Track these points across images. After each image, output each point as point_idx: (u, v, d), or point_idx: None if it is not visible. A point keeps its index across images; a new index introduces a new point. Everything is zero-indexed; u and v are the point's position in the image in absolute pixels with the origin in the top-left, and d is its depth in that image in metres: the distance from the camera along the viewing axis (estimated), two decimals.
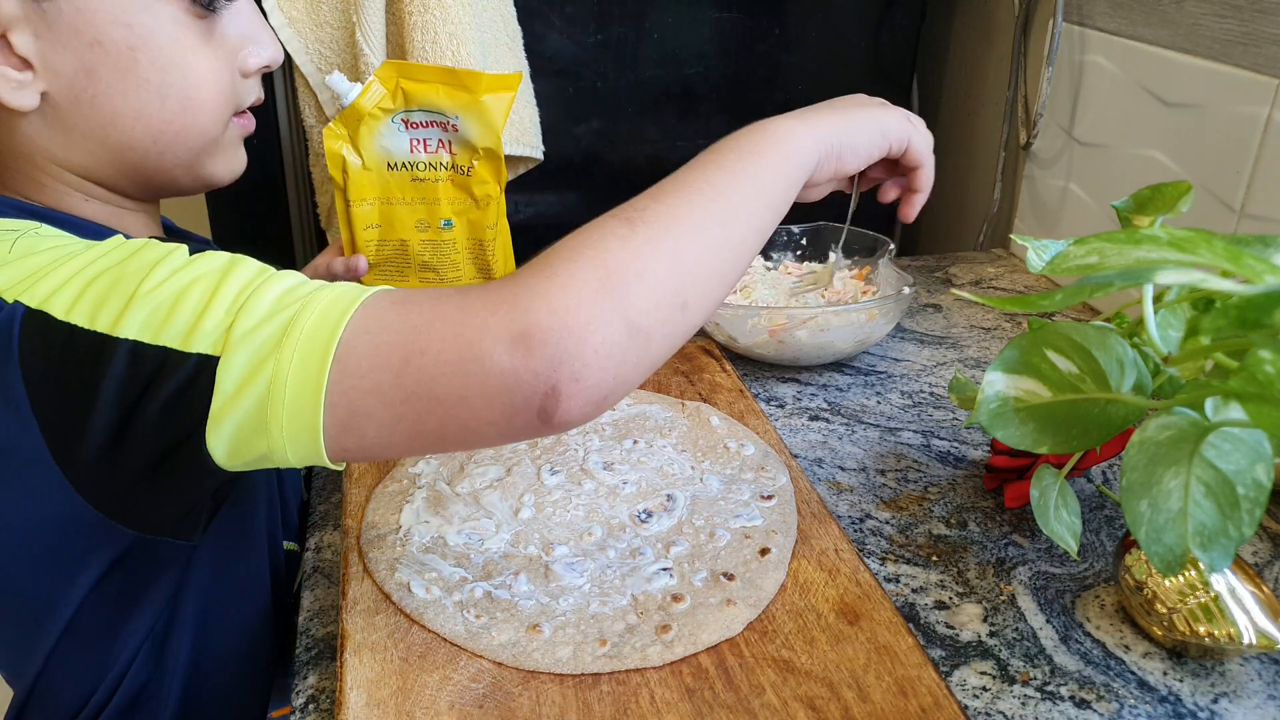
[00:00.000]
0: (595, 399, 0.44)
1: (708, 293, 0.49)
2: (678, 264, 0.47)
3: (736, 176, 0.52)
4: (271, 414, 0.43)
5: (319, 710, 0.51)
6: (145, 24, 0.51)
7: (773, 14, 1.07)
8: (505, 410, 0.43)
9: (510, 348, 0.42)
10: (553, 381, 0.42)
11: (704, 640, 0.51)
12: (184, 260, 0.46)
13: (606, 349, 0.43)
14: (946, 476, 0.69)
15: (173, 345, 0.43)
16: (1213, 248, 0.41)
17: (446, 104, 0.73)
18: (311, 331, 0.43)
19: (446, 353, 0.43)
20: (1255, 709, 0.50)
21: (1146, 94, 0.89)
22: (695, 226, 0.48)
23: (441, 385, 0.43)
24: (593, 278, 0.44)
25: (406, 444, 0.45)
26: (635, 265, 0.45)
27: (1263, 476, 0.44)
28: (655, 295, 0.45)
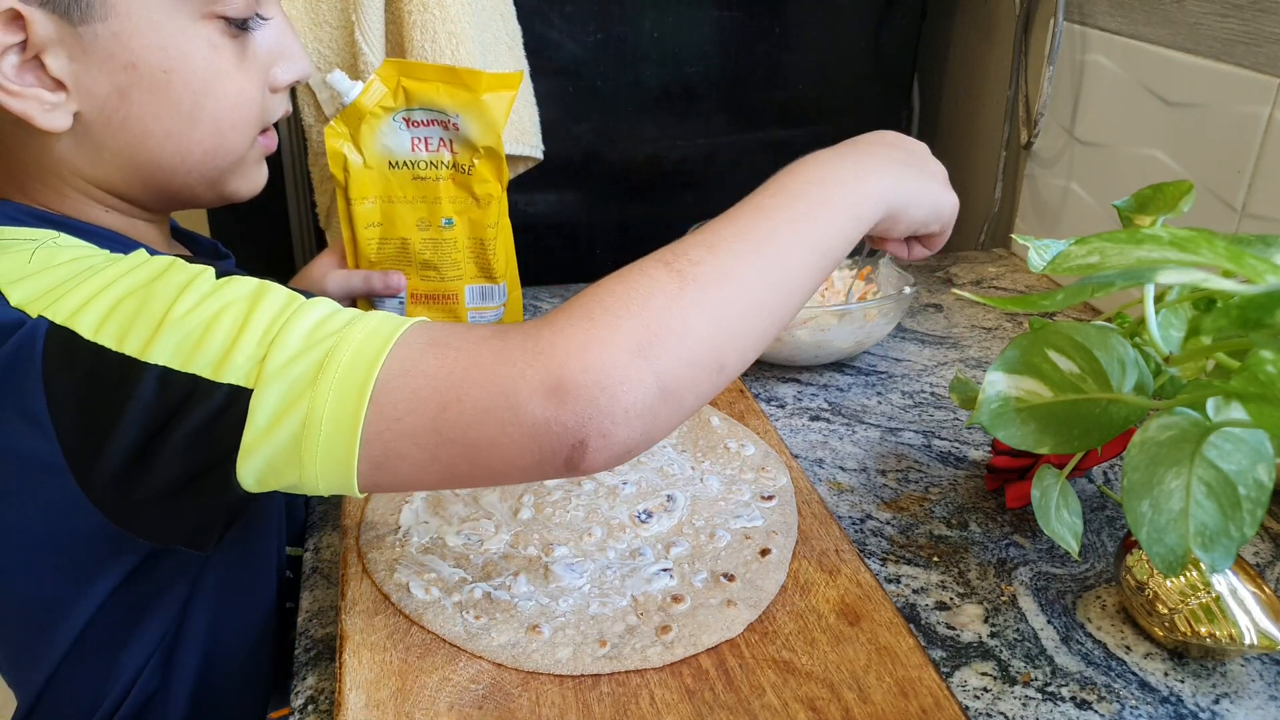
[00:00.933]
0: (620, 453, 0.44)
1: (745, 354, 0.48)
2: (721, 327, 0.46)
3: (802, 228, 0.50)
4: (306, 449, 0.43)
5: (318, 711, 0.51)
6: (180, 47, 0.51)
7: (773, 13, 1.07)
8: (535, 457, 0.43)
9: (544, 399, 0.42)
10: (582, 436, 0.43)
11: (704, 641, 0.51)
12: (212, 285, 0.46)
13: (638, 410, 0.43)
14: (947, 477, 0.69)
15: (203, 374, 0.43)
16: (1214, 247, 0.41)
17: (447, 103, 0.73)
18: (347, 370, 0.43)
19: (483, 400, 0.43)
20: (1256, 710, 0.50)
21: (1148, 93, 0.89)
22: (747, 288, 0.47)
23: (476, 431, 0.43)
24: (633, 337, 0.43)
25: (437, 482, 0.46)
26: (678, 327, 0.44)
27: (1264, 476, 0.44)
28: (693, 358, 0.45)
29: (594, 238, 1.13)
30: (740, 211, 0.51)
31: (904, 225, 0.58)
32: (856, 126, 1.18)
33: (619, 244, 1.14)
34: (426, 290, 0.78)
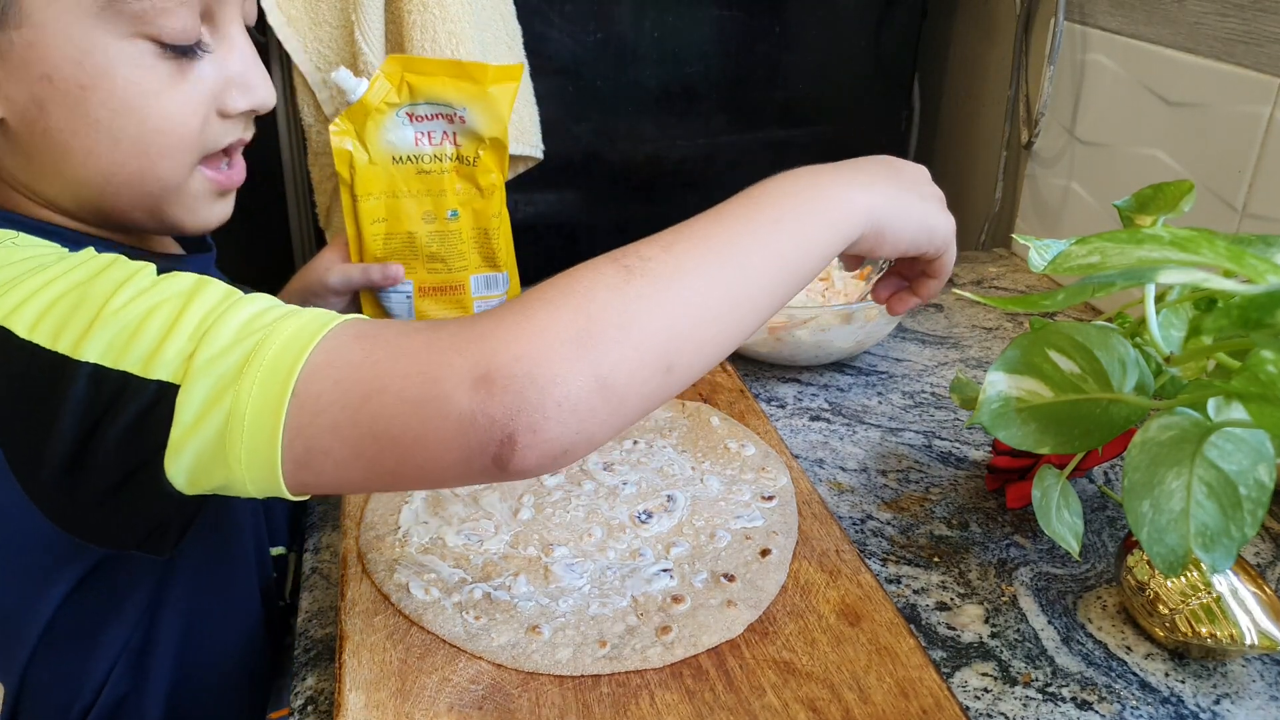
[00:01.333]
0: (553, 452, 0.41)
1: (699, 359, 0.45)
2: (669, 326, 0.43)
3: (768, 239, 0.48)
4: (230, 446, 0.42)
5: (317, 712, 0.51)
6: (98, 64, 0.48)
7: (773, 13, 1.07)
8: (462, 454, 0.41)
9: (472, 389, 0.40)
10: (510, 430, 0.40)
11: (704, 641, 0.51)
12: (150, 281, 0.44)
13: (571, 404, 0.41)
14: (948, 477, 0.69)
15: (134, 370, 0.42)
16: (1215, 247, 0.41)
17: (454, 96, 0.73)
18: (272, 364, 0.42)
19: (407, 391, 0.41)
20: (1257, 710, 0.50)
21: (1148, 93, 0.89)
22: (701, 289, 0.45)
23: (399, 425, 0.41)
24: (570, 327, 0.41)
25: (363, 482, 0.44)
26: (620, 319, 0.42)
27: (1265, 477, 0.44)
28: (637, 355, 0.42)
29: (594, 238, 1.13)
30: (706, 215, 0.49)
31: (891, 244, 0.54)
32: (857, 126, 1.19)
33: (619, 244, 1.13)
34: (434, 283, 0.78)
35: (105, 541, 0.49)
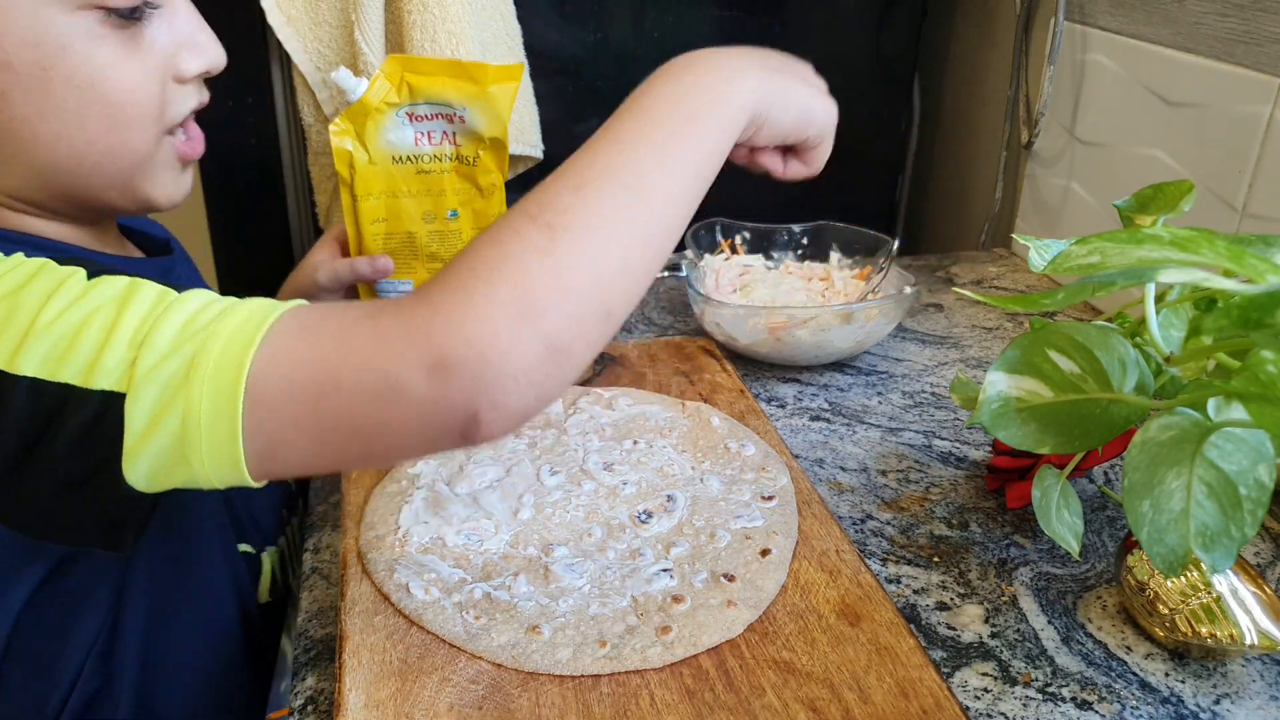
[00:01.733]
0: (516, 419, 0.43)
1: (632, 292, 0.46)
2: (601, 275, 0.44)
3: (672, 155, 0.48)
4: (190, 448, 0.42)
5: (317, 711, 0.51)
6: (55, 41, 0.48)
7: (773, 14, 1.07)
8: (427, 435, 0.43)
9: (428, 378, 0.41)
10: (473, 409, 0.41)
11: (704, 641, 0.51)
12: (81, 288, 0.44)
13: (527, 374, 0.42)
14: (948, 477, 0.69)
15: (74, 382, 0.42)
16: (1215, 247, 0.41)
17: (454, 96, 0.73)
18: (218, 366, 0.42)
19: (363, 384, 0.42)
20: (1257, 710, 0.50)
21: (1148, 93, 0.89)
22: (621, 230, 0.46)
23: (361, 416, 0.42)
24: (511, 303, 0.42)
25: (332, 465, 0.45)
26: (557, 284, 0.43)
27: (1265, 477, 0.44)
28: (578, 311, 0.43)
29: None
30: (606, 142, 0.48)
31: (769, 131, 0.55)
32: (857, 126, 1.18)
33: None
34: None
35: (62, 538, 0.49)
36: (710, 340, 0.85)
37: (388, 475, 0.65)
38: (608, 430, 0.70)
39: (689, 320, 0.93)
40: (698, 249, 0.89)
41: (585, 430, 0.69)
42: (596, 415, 0.71)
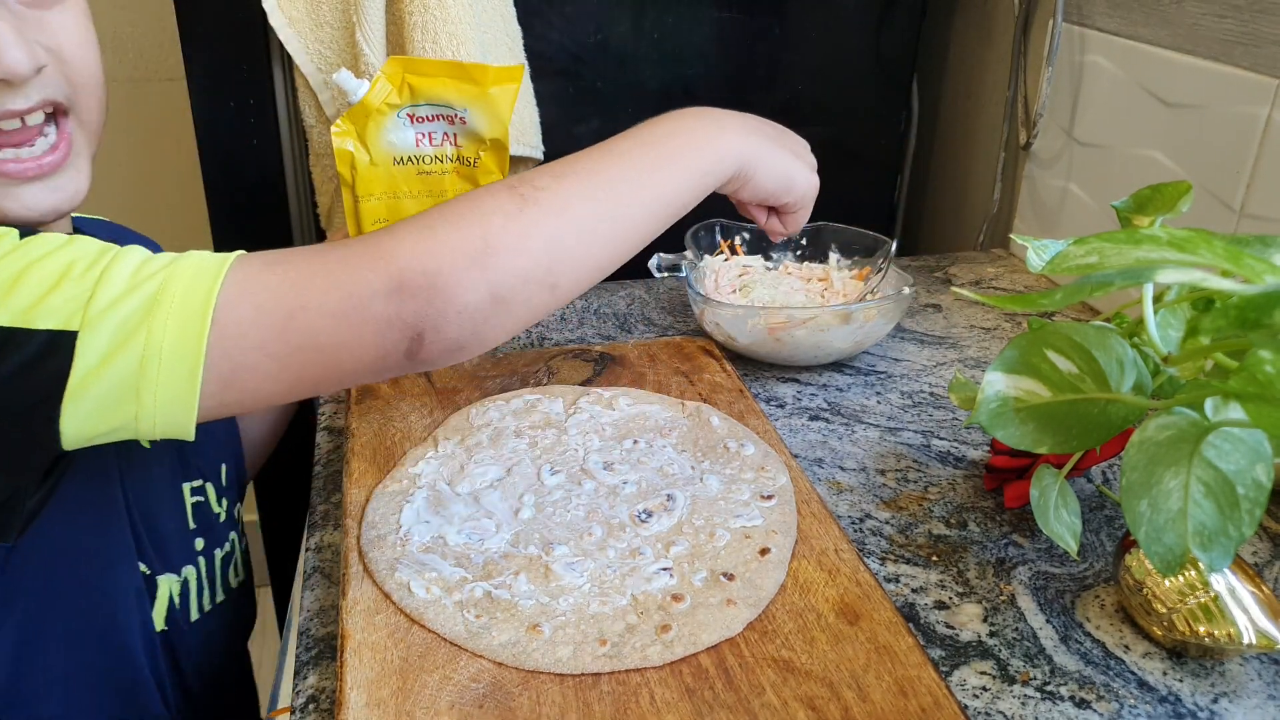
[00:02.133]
0: (453, 348, 0.49)
1: (579, 278, 0.52)
2: (556, 250, 0.50)
3: (648, 178, 0.54)
4: (145, 381, 0.44)
5: (319, 710, 0.51)
6: None
7: (773, 14, 1.07)
8: (379, 352, 0.47)
9: (387, 299, 0.46)
10: (420, 329, 0.47)
11: (704, 640, 0.51)
12: (13, 244, 0.46)
13: (469, 312, 0.48)
14: (946, 476, 0.69)
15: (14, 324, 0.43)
16: (1212, 247, 0.41)
17: (455, 97, 0.74)
18: (184, 298, 0.44)
19: (329, 305, 0.46)
20: (1255, 709, 0.50)
21: (1146, 94, 0.89)
22: (584, 219, 0.52)
23: (325, 335, 0.46)
24: (469, 247, 0.48)
25: (286, 392, 0.48)
26: (512, 243, 0.49)
27: (1262, 476, 0.44)
28: (525, 273, 0.49)
29: None
30: (596, 151, 0.55)
31: (751, 189, 0.62)
32: (856, 127, 1.19)
33: None
34: None
35: None
36: (710, 340, 0.85)
37: (389, 474, 0.65)
38: (608, 430, 0.70)
39: (689, 320, 0.93)
40: (697, 249, 0.90)
41: (585, 430, 0.70)
42: (597, 415, 0.71)
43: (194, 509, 0.67)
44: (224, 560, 0.70)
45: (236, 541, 0.74)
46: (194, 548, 0.67)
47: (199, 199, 1.02)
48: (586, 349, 0.83)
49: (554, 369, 0.80)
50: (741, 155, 0.59)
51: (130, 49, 1.42)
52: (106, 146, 0.63)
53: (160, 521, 0.64)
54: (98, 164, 0.62)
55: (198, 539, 0.67)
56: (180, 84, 0.96)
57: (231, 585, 0.72)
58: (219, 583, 0.69)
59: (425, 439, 0.69)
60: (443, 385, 0.77)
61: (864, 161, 1.18)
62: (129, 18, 1.40)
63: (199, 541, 0.67)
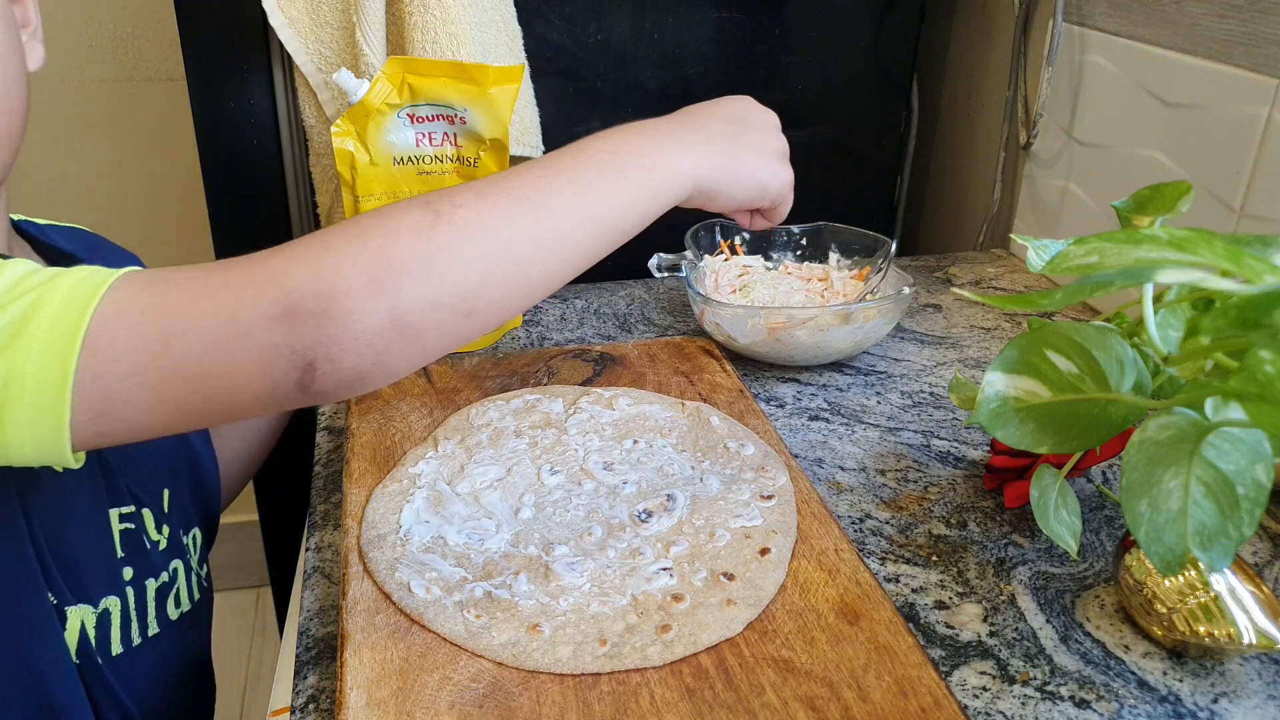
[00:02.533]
0: (350, 379, 0.44)
1: (504, 304, 0.47)
2: (470, 273, 0.45)
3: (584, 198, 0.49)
4: (8, 408, 0.41)
5: (319, 710, 0.51)
6: None
7: (773, 14, 1.07)
8: (267, 383, 0.43)
9: (273, 324, 0.42)
10: (310, 359, 0.43)
11: (704, 640, 0.51)
12: None
13: (367, 339, 0.43)
14: (946, 476, 0.69)
15: None
16: (1213, 247, 0.41)
17: (455, 97, 0.74)
18: (53, 319, 0.41)
19: (210, 329, 0.42)
20: (1255, 709, 0.50)
21: (1146, 94, 0.89)
22: (508, 240, 0.47)
23: (206, 362, 0.42)
24: (368, 268, 0.43)
25: (167, 423, 0.44)
26: (419, 264, 0.44)
27: (1263, 476, 0.44)
28: (434, 298, 0.44)
29: None
30: (531, 166, 0.50)
31: (723, 202, 0.57)
32: (856, 127, 1.19)
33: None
34: None
35: None
36: (710, 340, 0.85)
37: (389, 474, 0.65)
38: (608, 430, 0.70)
39: (689, 320, 0.93)
40: (697, 250, 0.90)
41: (585, 430, 0.70)
42: (597, 415, 0.72)
43: (122, 536, 0.62)
44: (160, 591, 0.65)
45: (183, 571, 0.68)
46: (120, 577, 0.62)
47: (199, 199, 1.02)
48: (586, 349, 0.83)
49: (554, 369, 0.80)
50: (696, 175, 0.54)
51: (130, 49, 1.42)
52: (107, 147, 0.63)
53: (73, 549, 0.58)
54: (98, 164, 0.61)
55: (125, 568, 0.62)
56: (180, 84, 0.96)
57: (171, 618, 0.66)
58: (152, 615, 0.64)
59: (425, 439, 0.69)
60: (443, 385, 0.77)
61: (864, 161, 1.18)
62: (129, 18, 1.40)
63: (127, 571, 0.62)
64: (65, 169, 1.45)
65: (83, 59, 1.41)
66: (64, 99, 1.42)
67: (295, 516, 0.99)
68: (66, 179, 1.46)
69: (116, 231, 1.65)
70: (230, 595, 1.78)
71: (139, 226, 1.52)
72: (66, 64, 1.40)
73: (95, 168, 1.46)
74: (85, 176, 1.46)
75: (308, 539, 0.65)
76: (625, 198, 0.51)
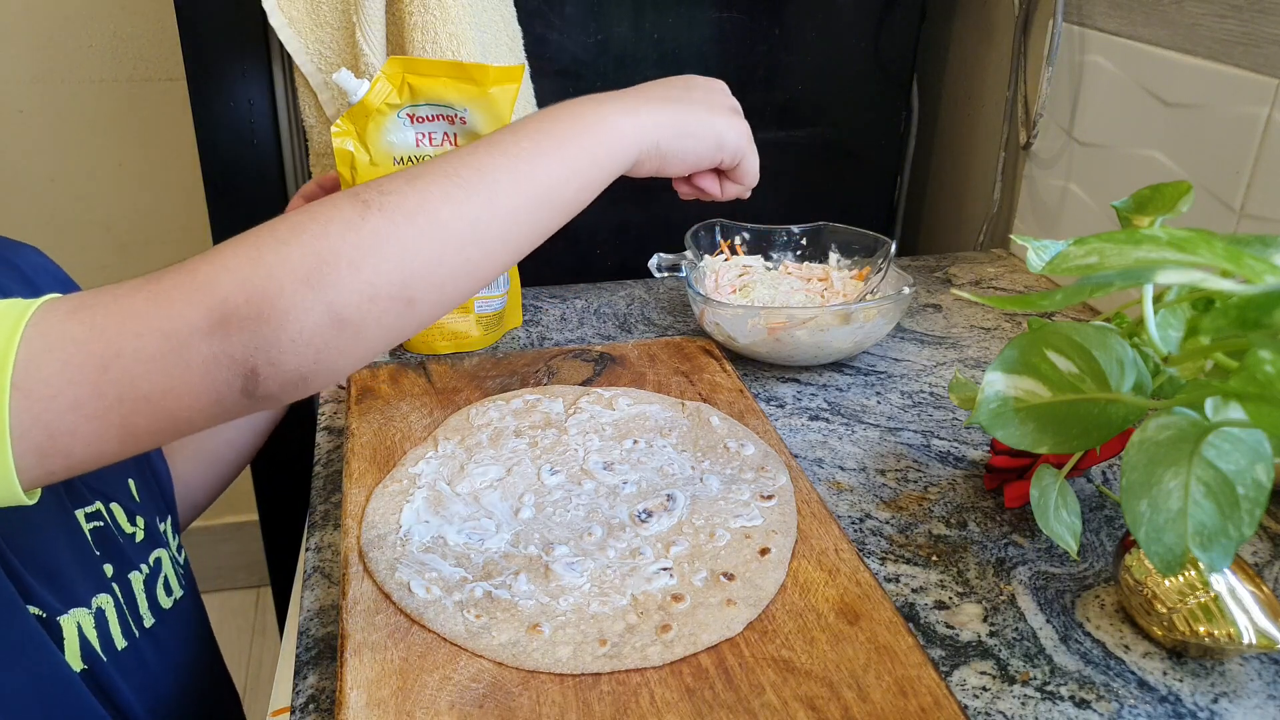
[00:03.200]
0: (294, 380, 0.43)
1: (447, 290, 0.46)
2: (409, 260, 0.44)
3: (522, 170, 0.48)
4: None
5: (319, 710, 0.51)
6: None
7: (773, 14, 1.07)
8: (212, 395, 0.42)
9: (209, 335, 0.41)
10: (251, 365, 0.42)
11: (704, 640, 0.51)
12: None
13: (305, 338, 0.42)
14: (946, 476, 0.69)
15: None
16: (1212, 248, 0.41)
17: (455, 97, 0.74)
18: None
19: (145, 350, 0.41)
20: (1255, 709, 0.50)
21: (1146, 94, 0.89)
22: (445, 222, 0.45)
23: (147, 383, 0.41)
24: (301, 265, 0.42)
25: (119, 449, 0.43)
26: (353, 255, 0.43)
27: (1262, 476, 0.44)
28: (371, 289, 0.43)
29: (594, 238, 1.13)
30: (463, 148, 0.48)
31: (679, 162, 0.55)
32: (856, 128, 1.19)
33: (619, 244, 1.14)
34: None
35: None
36: (710, 340, 0.85)
37: (389, 474, 0.65)
38: (608, 430, 0.70)
39: (689, 320, 0.93)
40: (697, 250, 0.90)
41: (585, 430, 0.70)
42: (597, 415, 0.72)
43: (94, 535, 0.61)
44: (147, 583, 0.64)
45: (168, 559, 0.67)
46: (103, 575, 0.61)
47: (199, 199, 1.02)
48: (586, 349, 0.83)
49: (554, 369, 0.80)
50: (641, 131, 0.52)
51: (130, 49, 1.42)
52: (107, 147, 0.63)
53: (50, 558, 0.57)
54: (98, 164, 0.61)
55: (105, 565, 0.61)
56: (180, 84, 0.96)
57: (164, 606, 0.66)
58: (145, 607, 0.64)
59: (425, 439, 0.69)
60: (443, 385, 0.77)
61: (864, 162, 1.18)
62: (129, 18, 1.40)
63: (108, 568, 0.61)
64: (65, 169, 1.45)
65: (83, 59, 1.41)
66: (64, 99, 1.42)
67: (295, 516, 0.99)
68: (66, 179, 1.46)
69: (116, 231, 1.66)
70: (230, 595, 1.78)
71: (139, 226, 1.52)
72: (66, 64, 1.40)
73: (95, 168, 1.46)
74: (85, 176, 1.46)
75: (308, 539, 0.65)
76: (565, 168, 0.49)
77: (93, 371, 0.41)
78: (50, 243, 1.57)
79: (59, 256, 0.70)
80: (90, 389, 0.41)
